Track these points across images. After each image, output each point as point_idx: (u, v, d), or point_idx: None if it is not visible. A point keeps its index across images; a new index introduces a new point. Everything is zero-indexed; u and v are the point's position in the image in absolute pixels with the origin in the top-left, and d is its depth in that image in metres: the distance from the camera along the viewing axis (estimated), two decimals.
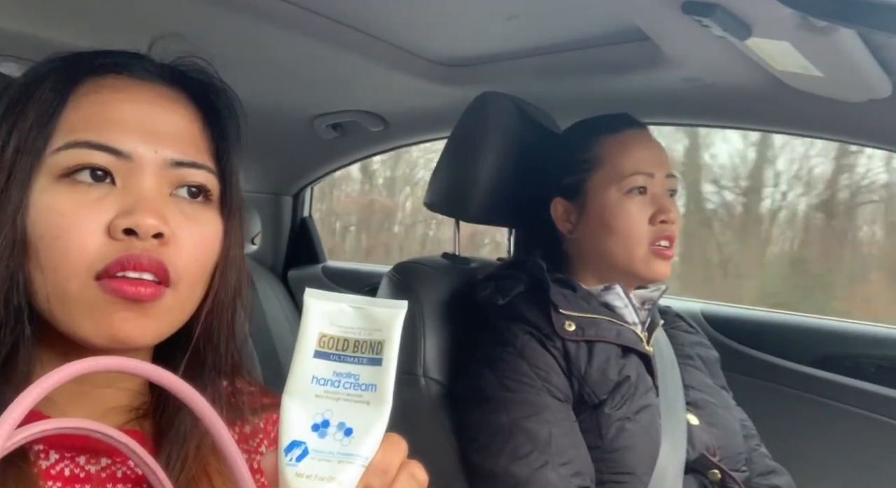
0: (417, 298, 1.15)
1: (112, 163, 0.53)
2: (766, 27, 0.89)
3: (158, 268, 0.52)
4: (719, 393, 1.16)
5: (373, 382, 0.42)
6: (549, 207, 1.18)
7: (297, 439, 0.40)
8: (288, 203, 2.15)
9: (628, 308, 1.12)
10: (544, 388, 1.01)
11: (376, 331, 0.43)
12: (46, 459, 0.53)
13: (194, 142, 0.58)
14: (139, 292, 0.51)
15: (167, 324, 0.55)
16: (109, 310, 0.51)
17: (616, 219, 1.10)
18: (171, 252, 0.54)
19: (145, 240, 0.52)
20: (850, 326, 1.48)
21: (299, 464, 0.40)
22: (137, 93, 0.57)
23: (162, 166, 0.55)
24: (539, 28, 1.18)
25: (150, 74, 0.59)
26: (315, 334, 0.42)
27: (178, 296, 0.55)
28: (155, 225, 0.52)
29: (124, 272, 0.51)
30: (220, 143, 0.60)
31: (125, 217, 0.52)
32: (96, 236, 0.51)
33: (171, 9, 1.05)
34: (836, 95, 1.12)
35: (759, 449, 1.18)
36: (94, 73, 0.57)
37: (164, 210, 0.54)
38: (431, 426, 1.08)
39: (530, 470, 0.95)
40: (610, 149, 1.13)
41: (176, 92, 0.60)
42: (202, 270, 0.57)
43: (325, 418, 0.41)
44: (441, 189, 1.28)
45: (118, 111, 0.55)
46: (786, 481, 1.15)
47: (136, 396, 0.59)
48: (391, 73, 1.35)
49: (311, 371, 0.41)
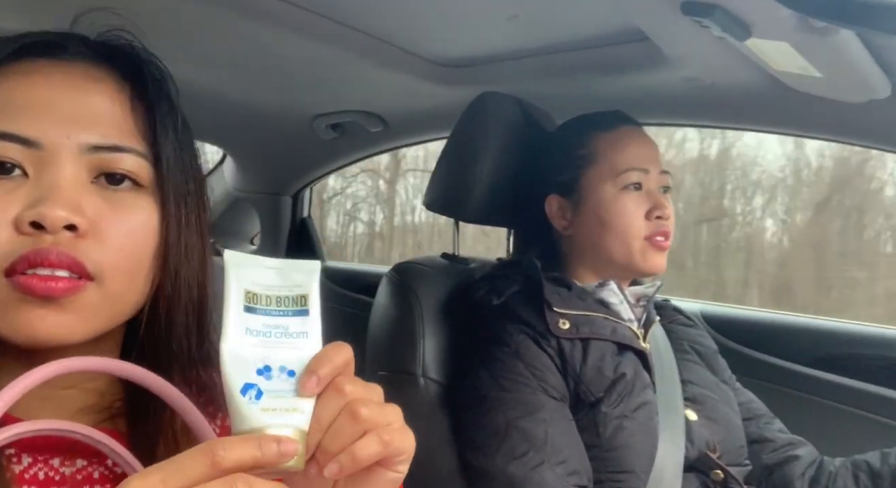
0: (417, 298, 1.15)
1: (21, 153, 0.49)
2: (765, 28, 0.89)
3: (71, 264, 0.48)
4: (719, 387, 1.16)
5: (303, 330, 0.44)
6: (544, 205, 1.18)
7: (250, 381, 0.41)
8: (287, 203, 2.15)
9: (623, 304, 1.12)
10: (540, 387, 1.01)
11: (297, 287, 0.45)
12: (19, 463, 0.51)
13: (118, 124, 0.53)
14: (49, 287, 0.47)
15: (98, 319, 0.51)
16: (23, 308, 0.48)
17: (612, 214, 1.11)
18: (90, 245, 0.50)
19: (56, 234, 0.48)
20: (850, 326, 1.48)
21: (260, 401, 0.41)
22: (55, 75, 0.53)
23: (78, 152, 0.51)
24: (539, 28, 1.18)
25: (73, 54, 0.55)
26: (241, 291, 0.43)
27: (107, 291, 0.51)
28: (63, 216, 0.48)
29: (34, 269, 0.47)
30: (151, 123, 0.55)
31: (31, 209, 0.48)
32: (3, 231, 0.48)
33: (170, 9, 1.05)
34: (835, 96, 1.12)
35: (772, 425, 1.18)
36: (12, 59, 0.53)
37: (80, 200, 0.49)
38: (430, 426, 1.08)
39: (527, 469, 0.95)
40: (605, 146, 1.14)
41: (101, 71, 0.55)
42: (134, 261, 0.52)
43: (266, 364, 0.42)
44: (440, 189, 1.28)
45: (27, 96, 0.51)
46: (806, 451, 1.15)
47: (104, 396, 0.56)
48: (390, 74, 1.35)
49: (244, 323, 0.43)
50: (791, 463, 1.13)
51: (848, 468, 1.11)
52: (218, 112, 1.63)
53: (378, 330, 1.20)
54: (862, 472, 1.09)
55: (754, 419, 1.17)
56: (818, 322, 1.54)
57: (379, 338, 1.19)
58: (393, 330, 1.17)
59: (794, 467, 1.13)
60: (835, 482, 1.10)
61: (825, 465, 1.13)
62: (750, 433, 1.15)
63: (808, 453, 1.15)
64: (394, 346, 1.15)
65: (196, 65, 1.33)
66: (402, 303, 1.16)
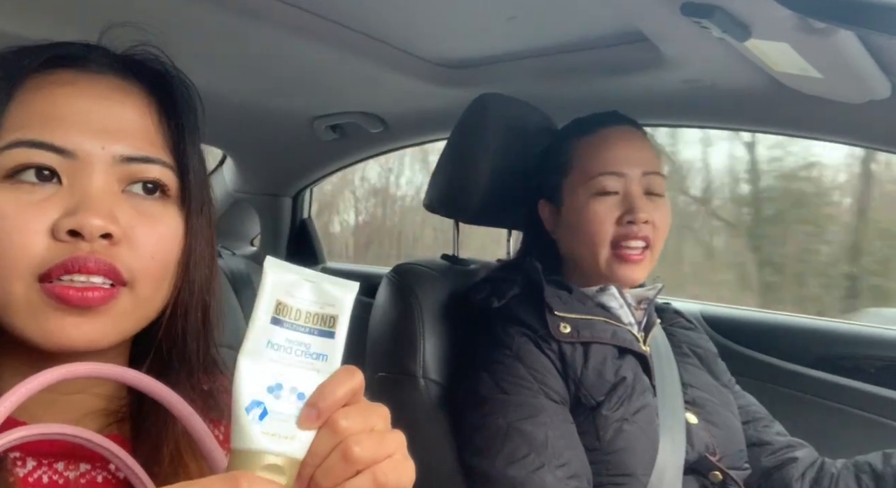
0: (417, 299, 1.15)
1: (57, 162, 0.51)
2: (765, 28, 0.89)
3: (108, 270, 0.50)
4: (719, 390, 1.16)
5: (324, 352, 0.43)
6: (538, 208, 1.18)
7: (257, 399, 0.41)
8: (287, 204, 2.15)
9: (624, 308, 1.12)
10: (541, 391, 1.01)
11: (329, 306, 0.44)
12: (24, 467, 0.51)
13: (147, 137, 0.55)
14: (86, 298, 0.49)
15: (128, 325, 0.53)
16: (57, 315, 0.49)
17: (582, 220, 1.10)
18: (124, 252, 0.51)
19: (92, 242, 0.49)
20: (849, 327, 1.48)
21: (263, 422, 0.41)
22: (85, 87, 0.55)
23: (111, 163, 0.52)
24: (539, 29, 1.19)
25: (100, 67, 0.56)
26: (273, 301, 0.43)
27: (138, 296, 0.52)
28: (101, 225, 0.49)
29: (70, 276, 0.49)
30: (177, 136, 0.57)
31: (69, 217, 0.49)
32: (40, 238, 0.49)
33: (169, 9, 1.05)
34: (835, 96, 1.12)
35: (771, 428, 1.18)
36: (41, 69, 0.54)
37: (113, 209, 0.51)
38: (430, 427, 1.08)
39: (527, 472, 0.95)
40: (580, 152, 1.13)
41: (128, 83, 0.57)
42: (162, 269, 0.54)
43: (279, 381, 0.42)
44: (440, 190, 1.28)
45: (63, 107, 0.53)
46: (805, 453, 1.15)
47: (111, 400, 0.57)
48: (390, 75, 1.35)
49: (268, 335, 0.42)
50: (789, 465, 1.13)
51: (850, 470, 1.10)
52: (218, 113, 1.63)
53: (378, 331, 1.20)
54: (864, 474, 1.08)
55: (753, 422, 1.17)
56: (818, 322, 1.54)
57: (379, 339, 1.19)
58: (393, 331, 1.17)
59: (793, 469, 1.13)
60: (837, 484, 1.09)
61: (827, 467, 1.13)
62: (749, 436, 1.15)
63: (806, 455, 1.14)
64: (394, 347, 1.15)
65: (196, 66, 1.33)
66: (402, 304, 1.16)
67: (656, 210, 1.09)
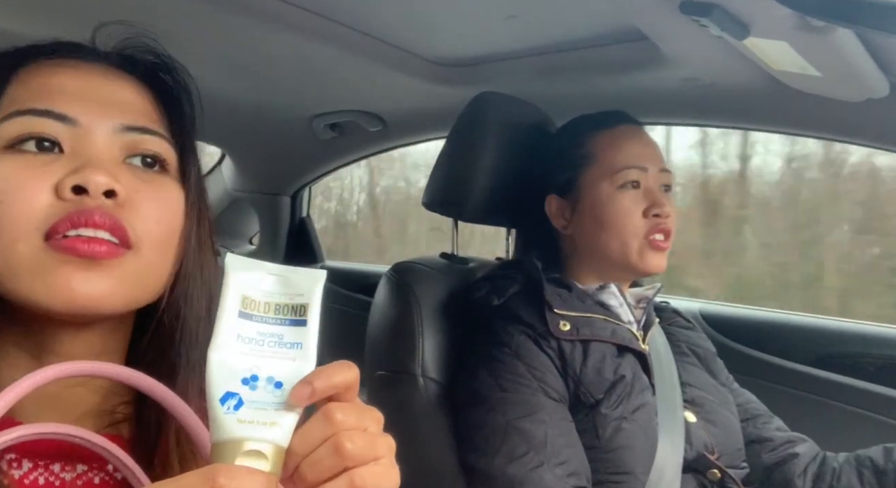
0: (416, 298, 1.15)
1: (59, 129, 0.51)
2: (764, 27, 0.89)
3: (114, 226, 0.49)
4: (718, 389, 1.16)
5: (297, 341, 0.42)
6: (543, 205, 1.18)
7: (231, 390, 0.40)
8: (286, 203, 2.14)
9: (623, 307, 1.12)
10: (540, 389, 1.01)
11: (298, 296, 0.43)
12: (19, 468, 0.50)
13: (146, 113, 0.56)
14: (94, 250, 0.48)
15: (134, 289, 0.51)
16: (64, 270, 0.48)
17: (609, 213, 1.11)
18: (129, 213, 0.50)
19: (97, 199, 0.49)
20: (849, 326, 1.48)
21: (238, 412, 0.40)
22: (86, 69, 0.56)
23: (112, 131, 0.53)
24: (538, 28, 1.18)
25: (100, 56, 0.58)
26: (238, 296, 0.42)
27: (143, 260, 0.51)
28: (105, 181, 0.49)
29: (77, 230, 0.48)
30: (174, 120, 0.57)
31: (73, 175, 0.49)
32: (44, 195, 0.48)
33: (169, 9, 1.05)
34: (834, 95, 1.12)
35: (771, 424, 1.18)
36: (44, 54, 0.55)
37: (116, 172, 0.51)
38: (429, 425, 1.08)
39: (526, 470, 0.95)
40: (603, 145, 1.14)
41: (126, 72, 0.57)
42: (167, 234, 0.53)
43: (254, 373, 0.41)
44: (439, 189, 1.28)
45: (64, 82, 0.53)
46: (806, 448, 1.15)
47: (110, 396, 0.56)
48: (389, 73, 1.35)
49: (236, 329, 0.41)
50: (790, 461, 1.13)
51: (851, 464, 1.10)
52: (217, 112, 1.63)
53: (377, 329, 1.20)
54: (866, 469, 1.09)
55: (752, 419, 1.17)
56: (818, 321, 1.54)
57: (378, 337, 1.19)
58: (392, 329, 1.17)
59: (794, 465, 1.13)
60: (839, 479, 1.10)
61: (828, 462, 1.13)
62: (748, 433, 1.15)
63: (807, 450, 1.15)
64: (393, 346, 1.15)
65: (194, 64, 1.33)
66: (401, 303, 1.16)
67: (671, 205, 1.12)
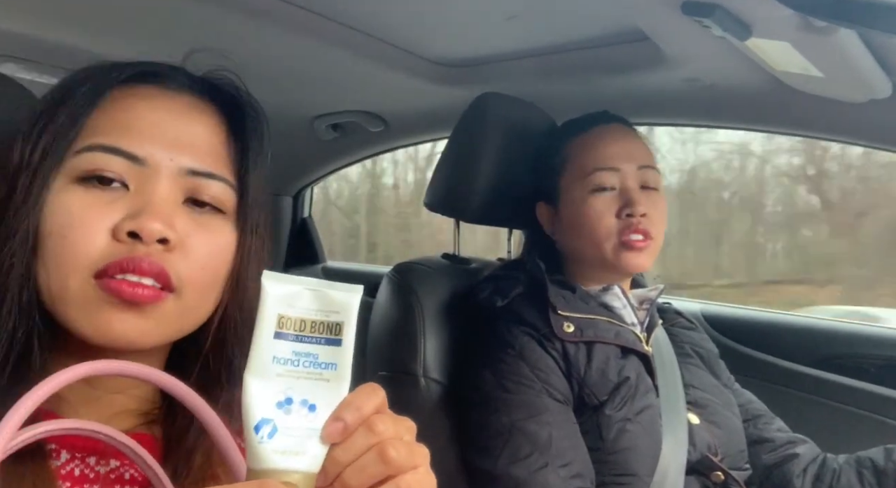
0: (417, 298, 1.15)
1: (127, 167, 0.54)
2: (766, 27, 0.89)
3: (160, 274, 0.52)
4: (721, 391, 1.16)
5: (332, 361, 0.43)
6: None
7: (266, 417, 0.41)
8: (288, 203, 2.15)
9: (627, 308, 1.12)
10: (544, 390, 1.01)
11: (334, 313, 0.43)
12: (57, 459, 0.53)
13: (214, 154, 0.58)
14: (136, 294, 0.51)
15: (170, 329, 0.55)
16: (107, 309, 0.51)
17: (582, 217, 1.10)
18: (177, 258, 0.54)
19: (149, 245, 0.52)
20: (850, 327, 1.48)
21: (273, 440, 0.41)
22: (163, 101, 0.58)
23: (177, 174, 0.56)
24: (539, 28, 1.18)
25: (180, 85, 0.60)
26: (274, 315, 0.42)
27: (183, 303, 0.55)
28: (159, 230, 0.52)
29: (124, 274, 0.51)
30: (242, 157, 0.60)
31: (131, 220, 0.52)
32: (101, 236, 0.52)
33: (171, 9, 1.05)
34: (836, 96, 1.12)
35: (772, 425, 1.18)
36: (126, 82, 0.58)
37: (173, 216, 0.54)
38: (431, 426, 1.08)
39: (530, 471, 0.95)
40: (575, 150, 1.14)
41: (203, 103, 0.60)
42: (212, 279, 0.57)
43: (288, 396, 0.41)
44: (441, 189, 1.28)
45: (140, 117, 0.56)
46: (806, 448, 1.15)
47: (146, 402, 0.59)
48: (391, 74, 1.35)
49: (272, 351, 0.42)
50: (790, 461, 1.13)
51: (852, 465, 1.10)
52: None
53: (379, 330, 1.20)
54: (866, 469, 1.08)
55: (753, 419, 1.17)
56: (819, 322, 1.54)
57: (379, 338, 1.19)
58: (394, 330, 1.16)
59: (794, 465, 1.13)
60: (839, 480, 1.10)
61: (828, 463, 1.13)
62: (749, 434, 1.15)
63: (807, 451, 1.15)
64: (394, 347, 1.15)
65: (195, 64, 1.33)
66: (403, 303, 1.16)
67: (653, 204, 1.10)
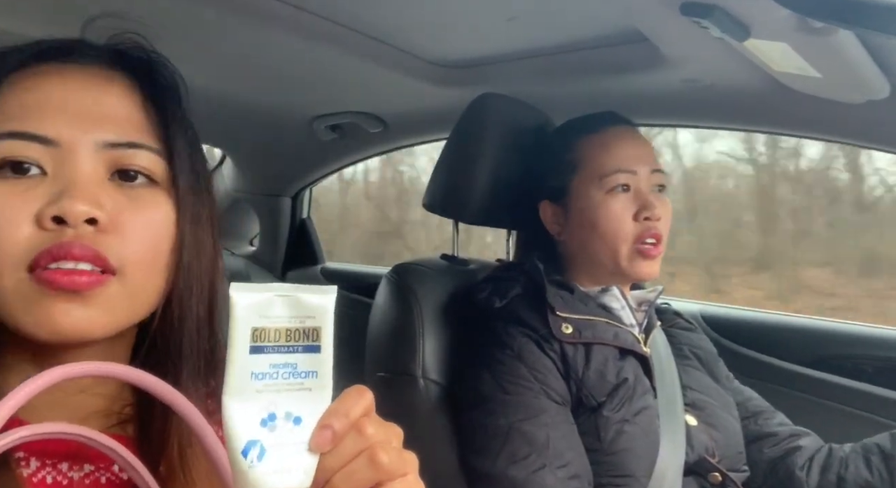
0: (416, 299, 1.15)
1: (40, 151, 0.51)
2: (764, 28, 0.89)
3: (94, 257, 0.49)
4: (719, 392, 1.16)
5: (312, 369, 0.41)
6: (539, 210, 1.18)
7: (252, 438, 0.39)
8: (287, 204, 2.14)
9: (625, 309, 1.12)
10: (542, 391, 1.00)
11: (309, 318, 0.41)
12: (27, 467, 0.51)
13: (133, 122, 0.54)
14: (74, 281, 0.48)
15: (119, 315, 0.52)
16: (46, 302, 0.48)
17: (599, 218, 1.10)
18: (111, 239, 0.50)
19: (77, 228, 0.49)
20: (849, 327, 1.48)
21: (262, 463, 0.39)
22: (69, 76, 0.54)
23: (95, 149, 0.52)
24: (538, 29, 1.18)
25: (85, 57, 0.56)
26: (247, 329, 0.40)
27: (129, 284, 0.51)
28: (85, 210, 0.49)
29: (57, 263, 0.48)
30: (163, 120, 0.56)
31: (53, 205, 0.49)
32: (25, 227, 0.49)
33: (169, 9, 1.05)
34: (834, 96, 1.12)
35: (773, 419, 1.18)
36: (28, 63, 0.55)
37: (99, 194, 0.50)
38: (430, 427, 1.08)
39: (528, 472, 0.95)
40: (591, 150, 1.14)
41: (113, 72, 0.56)
42: (152, 255, 0.53)
43: (271, 411, 0.40)
44: (440, 190, 1.28)
45: (46, 97, 0.52)
46: (809, 440, 1.15)
47: (114, 400, 0.56)
48: (390, 75, 1.35)
49: (249, 367, 0.40)
50: (793, 454, 1.13)
51: (858, 452, 1.10)
52: (217, 113, 1.63)
53: (377, 331, 1.20)
54: (873, 455, 1.08)
55: (754, 416, 1.17)
56: (818, 322, 1.54)
57: (378, 339, 1.19)
58: (392, 331, 1.16)
59: (797, 457, 1.13)
60: (846, 467, 1.09)
61: (835, 452, 1.13)
62: (751, 430, 1.15)
63: (810, 443, 1.14)
64: (393, 347, 1.15)
65: (195, 65, 1.33)
66: (402, 304, 1.16)
67: (664, 207, 1.11)
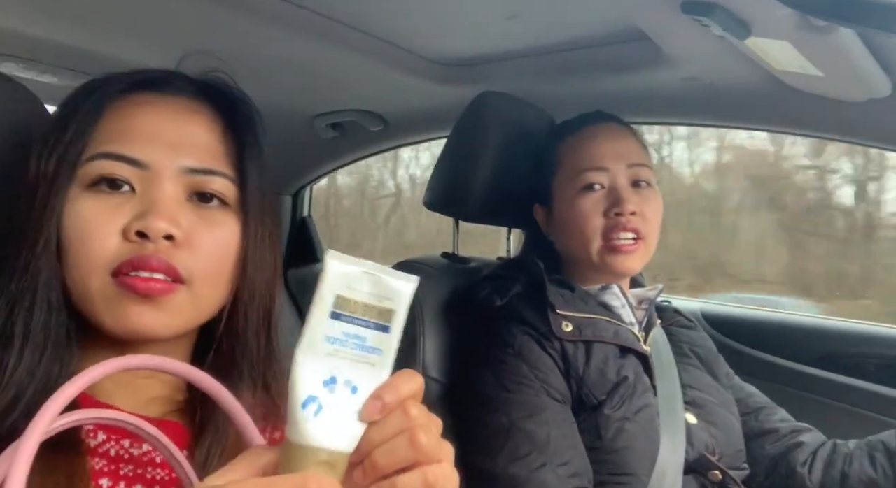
0: (416, 298, 1.14)
1: (132, 172, 0.59)
2: (765, 26, 0.89)
3: (168, 269, 0.58)
4: (719, 391, 1.16)
5: (378, 346, 0.44)
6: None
7: (313, 394, 0.42)
8: (287, 202, 2.14)
9: (625, 308, 1.12)
10: (543, 389, 1.01)
11: (386, 300, 0.44)
12: (95, 438, 0.58)
13: (212, 151, 0.63)
14: (149, 287, 0.57)
15: (184, 319, 0.60)
16: (125, 304, 0.57)
17: (571, 216, 1.11)
18: (184, 253, 0.59)
19: (156, 242, 0.57)
20: (849, 326, 1.48)
21: (318, 418, 0.42)
22: (161, 107, 0.63)
23: (178, 173, 0.60)
24: (539, 28, 1.18)
25: (175, 89, 0.65)
26: (332, 295, 0.43)
27: (194, 293, 0.60)
28: (164, 227, 0.57)
29: (136, 272, 0.57)
30: (239, 151, 0.64)
31: (138, 221, 0.57)
32: (113, 238, 0.58)
33: (170, 8, 1.05)
34: (835, 95, 1.12)
35: (774, 416, 1.18)
36: (125, 92, 0.63)
37: (177, 214, 0.59)
38: None
39: (528, 470, 0.95)
40: (566, 151, 1.15)
41: (199, 104, 0.65)
42: (219, 269, 0.61)
43: (333, 375, 0.42)
44: (440, 188, 1.28)
45: (140, 124, 0.61)
46: (810, 436, 1.15)
47: (177, 389, 0.64)
48: (391, 73, 1.35)
49: (325, 330, 0.43)
50: (795, 450, 1.13)
51: (863, 449, 1.10)
52: None
53: None
54: (878, 452, 1.08)
55: (755, 412, 1.17)
56: (819, 321, 1.54)
57: None
58: None
59: (799, 453, 1.13)
60: (850, 464, 1.09)
61: (839, 448, 1.13)
62: (752, 427, 1.15)
63: (812, 439, 1.15)
64: None
65: (195, 63, 1.33)
66: None
67: (645, 201, 1.10)
